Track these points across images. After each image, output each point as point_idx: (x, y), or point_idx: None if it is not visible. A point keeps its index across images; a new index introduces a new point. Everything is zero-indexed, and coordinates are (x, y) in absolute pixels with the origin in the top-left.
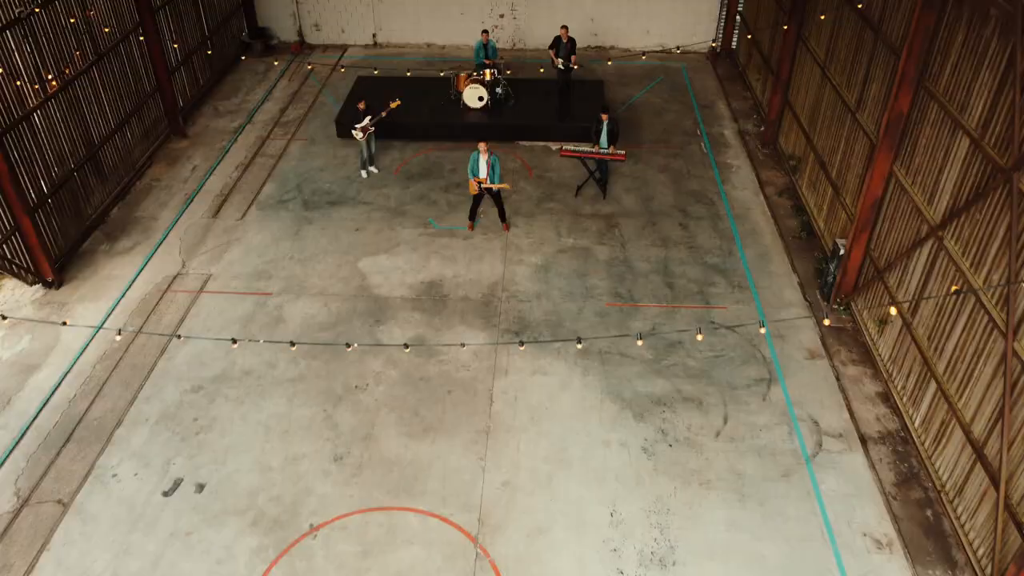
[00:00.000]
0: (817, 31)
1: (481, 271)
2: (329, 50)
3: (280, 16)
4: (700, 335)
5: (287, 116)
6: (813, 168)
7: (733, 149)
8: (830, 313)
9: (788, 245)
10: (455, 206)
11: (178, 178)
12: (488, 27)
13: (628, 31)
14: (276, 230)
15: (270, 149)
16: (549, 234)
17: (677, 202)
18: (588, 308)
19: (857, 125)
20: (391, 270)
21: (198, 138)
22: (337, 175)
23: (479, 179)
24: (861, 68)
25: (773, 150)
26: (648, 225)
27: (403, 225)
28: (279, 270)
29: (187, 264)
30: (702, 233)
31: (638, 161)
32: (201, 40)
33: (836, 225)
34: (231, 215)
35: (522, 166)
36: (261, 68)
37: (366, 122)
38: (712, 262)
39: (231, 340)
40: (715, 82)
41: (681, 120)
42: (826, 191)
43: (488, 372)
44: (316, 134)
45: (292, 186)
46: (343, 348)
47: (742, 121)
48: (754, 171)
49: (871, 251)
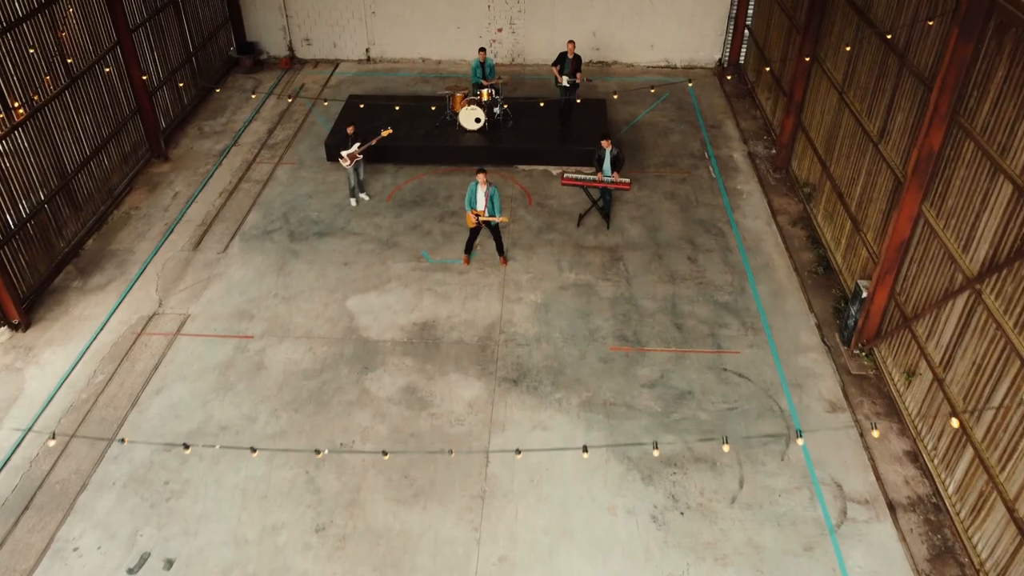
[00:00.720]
0: (834, 53)
1: (477, 310)
2: (320, 65)
3: (269, 30)
4: (726, 445)
5: (275, 137)
6: (829, 198)
7: (743, 173)
8: (851, 359)
9: (804, 281)
10: (450, 237)
11: (158, 206)
12: (486, 42)
13: (632, 46)
14: (260, 264)
15: (256, 174)
16: (550, 268)
17: (685, 232)
18: (591, 352)
19: (880, 157)
20: (381, 309)
21: (181, 161)
22: (326, 202)
23: (477, 212)
24: (884, 96)
25: (785, 175)
26: (654, 258)
27: (395, 258)
28: (262, 309)
29: (164, 303)
30: (712, 267)
31: (643, 187)
32: (185, 57)
33: (856, 262)
34: (213, 247)
35: (521, 193)
36: (249, 85)
37: (354, 149)
38: (723, 300)
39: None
40: (723, 100)
41: (688, 141)
42: (844, 224)
43: (484, 427)
44: (305, 157)
45: (278, 215)
46: (328, 398)
47: (752, 143)
48: (765, 198)
49: (896, 295)
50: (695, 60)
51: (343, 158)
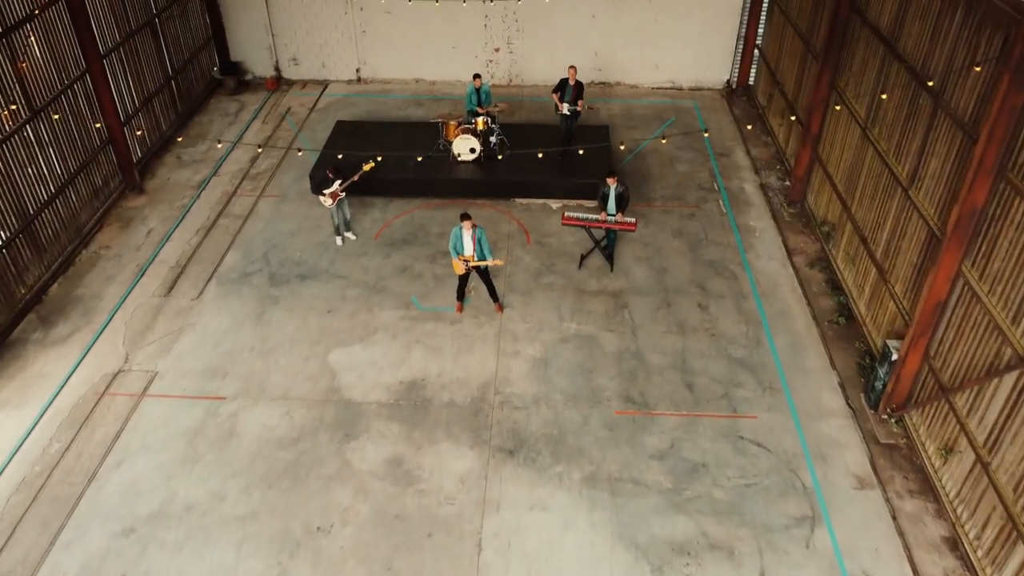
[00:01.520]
0: (856, 83)
1: (470, 367)
2: (309, 86)
3: (255, 49)
4: None
5: (258, 166)
6: (851, 240)
7: (756, 208)
8: (879, 425)
9: (824, 332)
10: (442, 280)
11: (130, 245)
12: (482, 62)
13: (636, 66)
14: (236, 312)
15: (236, 208)
16: (549, 317)
17: (694, 275)
18: (595, 417)
19: (911, 205)
20: (366, 365)
21: (157, 194)
22: (309, 241)
23: (465, 258)
24: (915, 138)
25: (801, 209)
26: (662, 305)
27: (382, 305)
28: (237, 365)
29: (131, 358)
30: (725, 316)
31: (649, 222)
32: (164, 81)
33: (882, 315)
34: (186, 292)
35: (519, 230)
36: (233, 108)
37: (335, 187)
38: (738, 355)
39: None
40: (732, 125)
41: (696, 171)
42: (868, 271)
43: (476, 507)
44: (289, 189)
45: (258, 255)
46: (305, 472)
47: (764, 173)
48: (780, 235)
49: (931, 359)
50: (702, 81)
51: (324, 196)
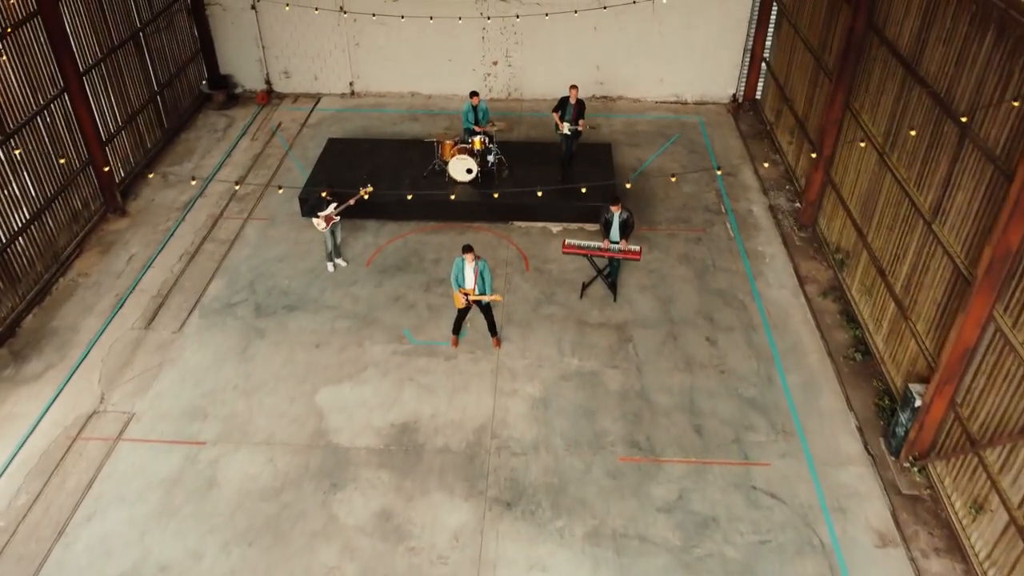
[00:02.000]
0: (872, 105)
1: (466, 407)
2: (300, 100)
3: (245, 62)
4: None
5: (247, 186)
6: (867, 270)
7: (765, 232)
8: (901, 474)
9: (839, 369)
10: (437, 311)
11: (110, 271)
12: (480, 75)
13: (639, 79)
14: (220, 347)
15: (222, 232)
16: (549, 352)
17: (702, 306)
18: (598, 464)
19: (934, 239)
20: (355, 406)
21: (140, 217)
22: (298, 268)
23: (466, 291)
24: (939, 168)
25: (812, 233)
26: (668, 339)
27: (373, 339)
28: (218, 406)
29: (106, 397)
30: (734, 351)
31: (653, 247)
32: (149, 97)
33: (902, 354)
34: (168, 324)
35: (517, 256)
36: (221, 124)
37: (330, 210)
38: (748, 395)
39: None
40: (738, 141)
41: (702, 192)
42: (886, 305)
43: (471, 566)
44: (278, 212)
45: (244, 284)
46: (288, 527)
47: (773, 194)
48: (791, 262)
49: (958, 407)
50: (707, 95)
51: (319, 219)
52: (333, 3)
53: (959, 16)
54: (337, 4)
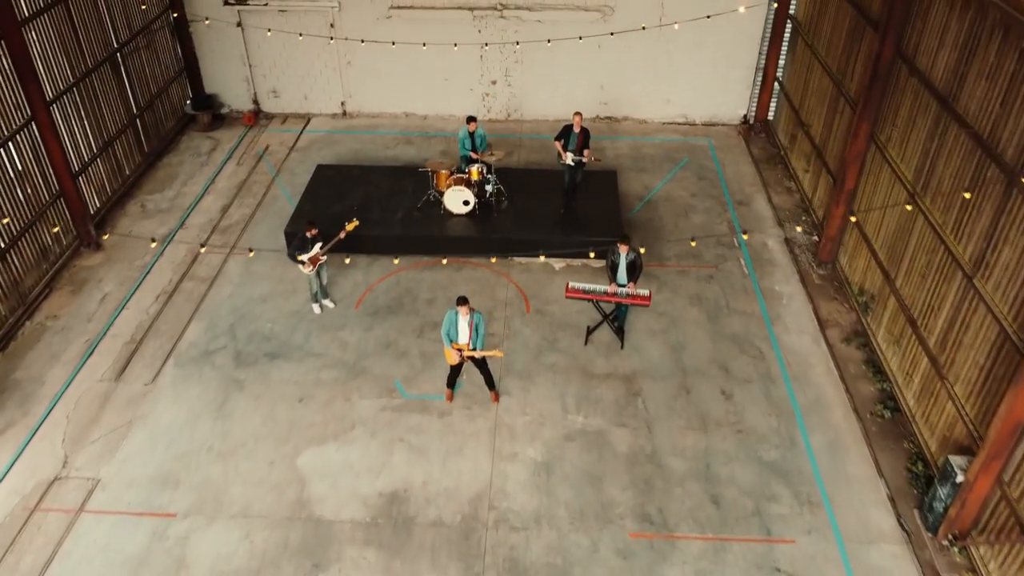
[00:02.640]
0: (901, 140)
1: (461, 473)
2: (289, 121)
3: (231, 81)
4: None
5: (229, 217)
6: (895, 318)
7: (781, 268)
8: (939, 553)
9: (867, 428)
10: (431, 360)
11: (81, 314)
12: (478, 95)
13: (645, 100)
14: (195, 401)
15: (202, 269)
16: (552, 407)
17: (716, 353)
18: (605, 541)
19: (976, 295)
20: (341, 471)
21: (115, 251)
22: (283, 309)
23: (459, 346)
24: (981, 217)
25: (832, 271)
26: (680, 392)
27: (361, 392)
28: (191, 471)
29: (70, 461)
30: (752, 406)
31: (663, 286)
32: (128, 120)
33: (937, 414)
34: (140, 375)
35: (517, 296)
36: (206, 147)
37: (315, 251)
38: (769, 458)
39: None
40: (750, 166)
41: (713, 223)
42: (918, 359)
43: None
44: (262, 245)
45: (224, 328)
46: None
47: (788, 226)
48: (810, 303)
49: (1005, 485)
50: (717, 116)
51: (304, 262)
52: (322, 25)
53: (1005, 52)
54: (326, 23)
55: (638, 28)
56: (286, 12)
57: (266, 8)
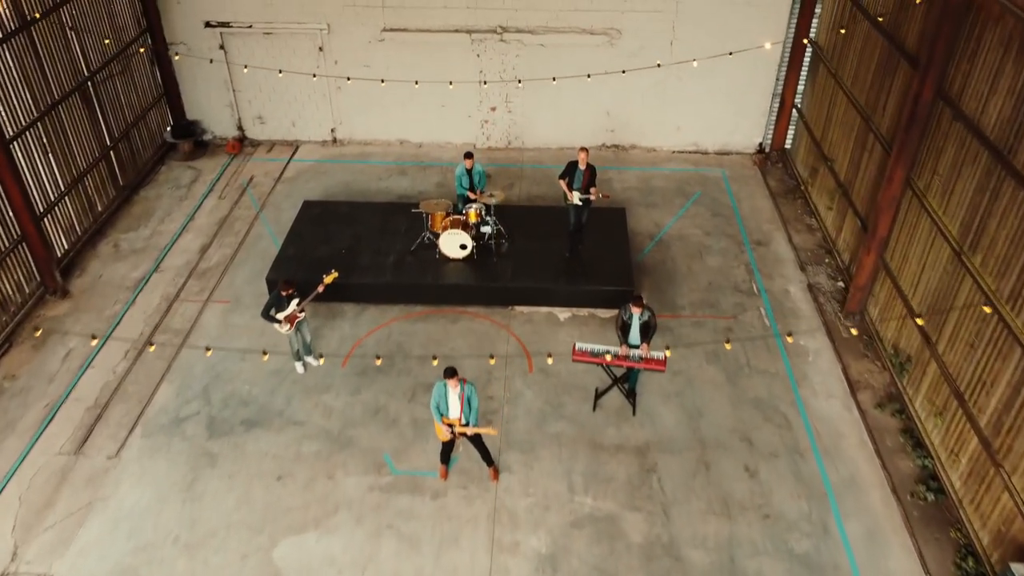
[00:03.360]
0: (943, 191)
1: (456, 568)
2: (276, 148)
3: (214, 106)
4: None
5: (209, 258)
6: (936, 388)
7: (805, 319)
8: None
9: (907, 513)
10: (423, 429)
11: (42, 373)
12: (477, 121)
13: (654, 127)
14: (162, 480)
15: (177, 319)
16: (557, 487)
17: (738, 422)
18: None
19: None
20: (322, 566)
21: (84, 298)
22: (262, 368)
23: (450, 421)
24: None
25: (861, 323)
26: (699, 468)
27: (347, 467)
28: (154, 567)
29: (19, 553)
30: (779, 486)
31: (678, 342)
32: (100, 153)
33: (990, 504)
34: (103, 447)
35: (519, 351)
36: (186, 178)
37: (292, 308)
38: (801, 549)
39: None
40: (767, 200)
41: (729, 266)
42: (966, 438)
43: None
44: (243, 291)
45: (197, 390)
46: None
47: (812, 270)
48: (839, 361)
49: None
50: (730, 144)
51: (281, 322)
52: (310, 48)
53: None
54: (314, 46)
55: (647, 55)
56: (271, 35)
57: (250, 31)
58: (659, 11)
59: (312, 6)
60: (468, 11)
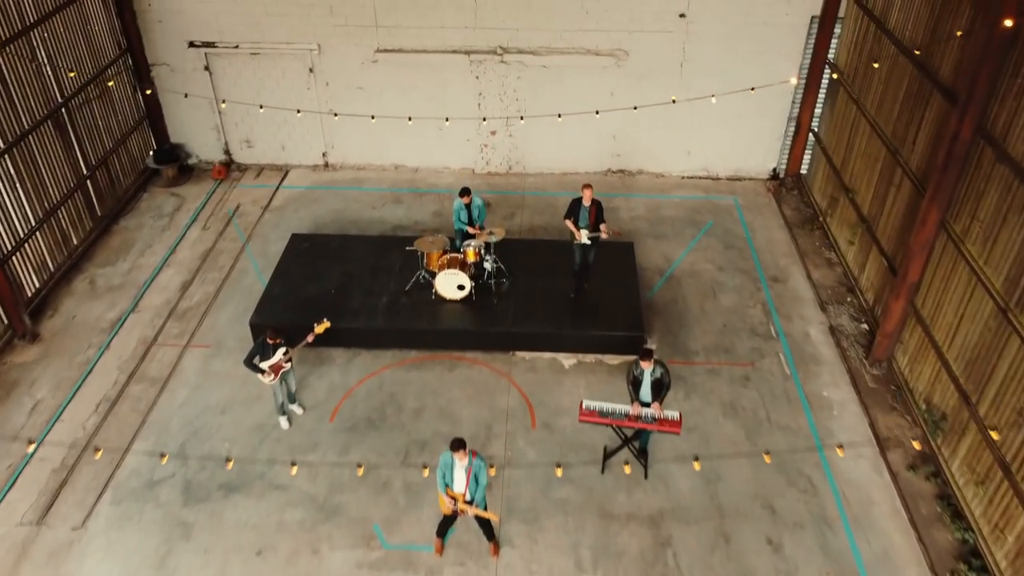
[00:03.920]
0: (985, 238)
1: None
2: (264, 174)
3: (199, 129)
4: None
5: (190, 296)
6: (977, 453)
7: (828, 366)
8: None
9: None
10: (417, 495)
11: (6, 429)
12: (476, 145)
13: (662, 151)
14: (131, 555)
15: (154, 365)
16: (563, 563)
17: (759, 486)
18: None
19: None
20: None
21: (55, 342)
22: (244, 423)
23: (454, 494)
24: None
25: (888, 371)
26: (718, 542)
27: (333, 540)
28: None
29: None
30: (806, 562)
31: (691, 391)
32: (76, 183)
33: None
34: (68, 516)
35: (520, 403)
36: (169, 206)
37: (278, 357)
38: None
39: None
40: (783, 232)
41: (744, 305)
42: (1013, 515)
43: None
44: (225, 335)
45: (173, 448)
46: None
47: (833, 309)
48: (865, 414)
49: None
50: (743, 169)
51: (266, 372)
52: (300, 69)
53: None
54: (304, 67)
55: (656, 77)
56: (259, 55)
57: (236, 51)
58: (670, 31)
59: (302, 26)
60: (467, 31)
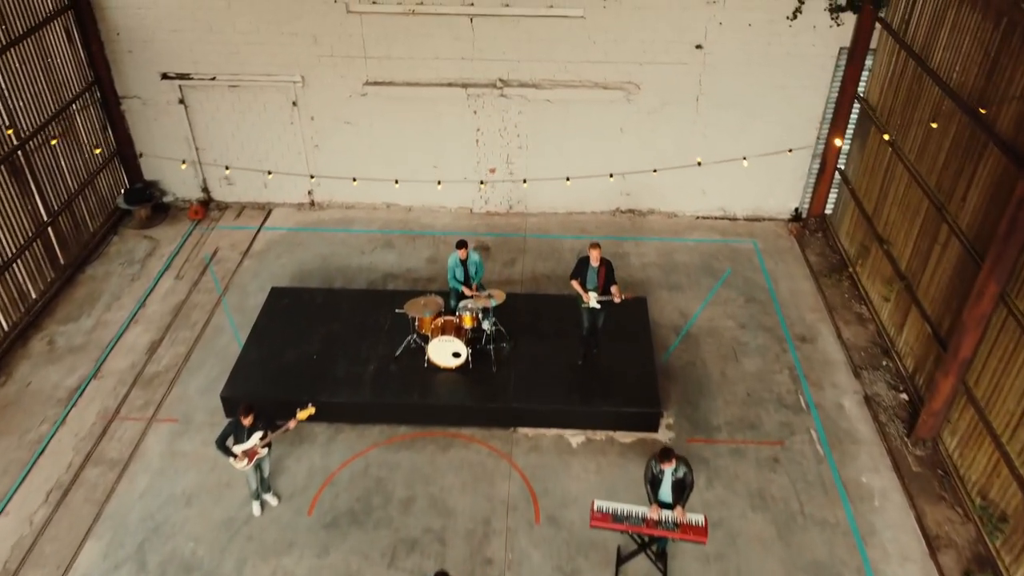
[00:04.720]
0: None
1: None
2: (245, 213)
3: (174, 166)
4: None
5: (158, 360)
6: None
7: (865, 447)
8: None
9: None
10: None
11: None
12: (474, 183)
13: (675, 190)
14: None
15: (114, 445)
16: None
17: None
18: None
19: None
20: None
21: (5, 415)
22: (211, 517)
23: None
24: None
25: (934, 452)
26: None
27: None
28: None
29: None
30: None
31: (714, 477)
32: (35, 231)
33: None
34: None
35: (523, 490)
36: (141, 251)
37: (254, 442)
38: None
39: None
40: (809, 281)
41: (770, 370)
42: None
43: None
44: (194, 406)
45: (130, 549)
46: None
47: (868, 375)
48: (911, 506)
49: None
50: (762, 209)
51: (239, 457)
52: (282, 102)
53: None
54: (287, 100)
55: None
56: (238, 87)
57: (214, 83)
58: (684, 63)
59: (284, 56)
60: (463, 62)
